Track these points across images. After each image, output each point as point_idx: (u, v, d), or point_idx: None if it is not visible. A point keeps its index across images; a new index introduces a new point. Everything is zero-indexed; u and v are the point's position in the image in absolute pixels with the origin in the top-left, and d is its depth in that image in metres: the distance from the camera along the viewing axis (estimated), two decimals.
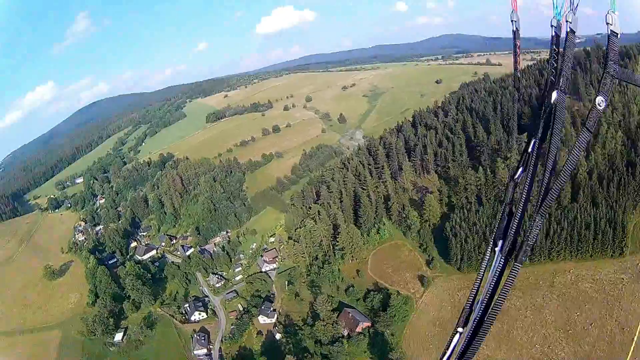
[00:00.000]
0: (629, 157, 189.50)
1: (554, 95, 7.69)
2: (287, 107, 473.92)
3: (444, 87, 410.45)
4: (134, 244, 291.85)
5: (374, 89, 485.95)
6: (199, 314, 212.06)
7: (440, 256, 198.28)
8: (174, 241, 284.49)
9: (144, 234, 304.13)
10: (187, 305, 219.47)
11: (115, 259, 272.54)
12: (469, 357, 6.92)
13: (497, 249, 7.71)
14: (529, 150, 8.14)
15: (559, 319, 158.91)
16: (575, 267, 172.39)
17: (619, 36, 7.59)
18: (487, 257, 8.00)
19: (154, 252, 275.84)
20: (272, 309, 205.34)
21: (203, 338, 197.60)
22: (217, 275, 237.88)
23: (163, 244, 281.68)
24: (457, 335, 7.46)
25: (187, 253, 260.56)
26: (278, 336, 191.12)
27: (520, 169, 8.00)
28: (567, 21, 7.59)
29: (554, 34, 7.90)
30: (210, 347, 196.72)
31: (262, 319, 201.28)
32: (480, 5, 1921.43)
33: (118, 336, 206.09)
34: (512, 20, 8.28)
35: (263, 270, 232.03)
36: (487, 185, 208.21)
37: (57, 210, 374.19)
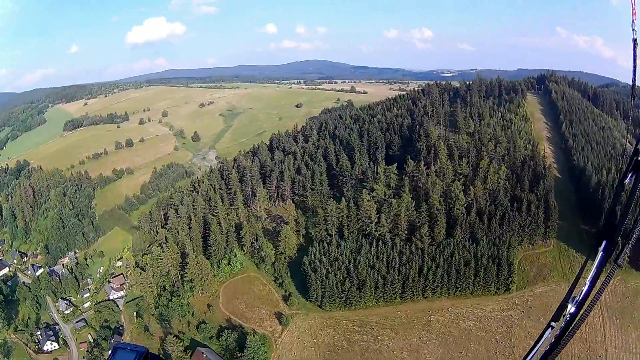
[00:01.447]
0: (513, 192, 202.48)
1: None
2: (143, 121, 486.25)
3: (305, 111, 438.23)
4: None
5: (232, 109, 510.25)
6: (51, 344, 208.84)
7: (298, 292, 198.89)
8: (25, 259, 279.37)
9: None
10: (39, 333, 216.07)
11: None
12: (558, 351, 7.64)
13: (600, 248, 8.17)
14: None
15: None
16: (453, 305, 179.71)
17: None
18: (588, 256, 8.45)
19: (6, 269, 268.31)
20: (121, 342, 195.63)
21: None
22: (65, 301, 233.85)
23: (15, 261, 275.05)
24: (549, 329, 8.07)
25: (37, 273, 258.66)
26: None
27: (630, 175, 8.29)
28: None
29: None
30: None
31: None
32: (349, 35, 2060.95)
33: None
34: (633, 29, 8.78)
35: (111, 297, 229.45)
36: (350, 217, 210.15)
37: None
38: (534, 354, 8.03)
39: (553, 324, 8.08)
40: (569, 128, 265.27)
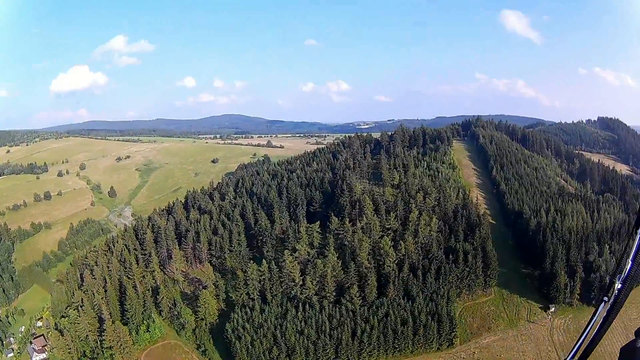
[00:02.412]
0: (447, 244, 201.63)
1: None
2: (61, 173, 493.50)
3: (221, 167, 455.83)
4: None
5: (148, 163, 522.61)
6: None
7: None
8: None
9: None
10: None
11: None
12: (610, 321, 8.53)
13: (639, 230, 8.62)
14: None
15: None
16: None
17: None
18: (629, 237, 8.92)
19: None
20: None
21: None
22: None
23: None
24: (603, 303, 8.82)
25: None
26: None
27: None
28: None
29: None
30: None
31: None
32: (266, 88, 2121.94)
33: None
34: None
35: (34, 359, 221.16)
36: (273, 280, 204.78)
37: None
38: (591, 326, 8.62)
39: (605, 298, 8.63)
40: (500, 172, 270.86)
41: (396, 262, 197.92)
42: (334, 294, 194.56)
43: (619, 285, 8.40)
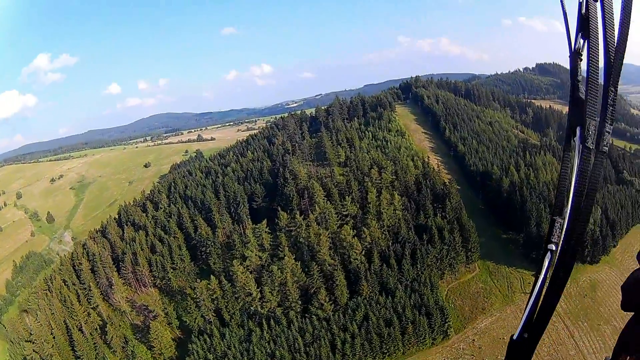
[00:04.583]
0: (417, 222, 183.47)
1: None
2: (0, 207, 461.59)
3: (154, 170, 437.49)
4: None
5: (82, 180, 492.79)
6: None
7: None
8: None
9: None
10: None
11: None
12: (567, 272, 5.53)
13: (575, 138, 5.80)
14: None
15: None
16: None
17: None
18: (563, 150, 6.38)
19: None
20: None
21: None
22: None
23: None
24: (548, 255, 5.99)
25: None
26: None
27: (581, 38, 6.55)
28: None
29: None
30: None
31: None
32: (189, 84, 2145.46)
33: None
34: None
35: None
36: (226, 297, 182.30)
37: None
38: (540, 287, 5.39)
39: (551, 246, 5.40)
40: (454, 132, 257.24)
41: (363, 253, 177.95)
42: (300, 302, 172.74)
43: (567, 215, 4.98)
